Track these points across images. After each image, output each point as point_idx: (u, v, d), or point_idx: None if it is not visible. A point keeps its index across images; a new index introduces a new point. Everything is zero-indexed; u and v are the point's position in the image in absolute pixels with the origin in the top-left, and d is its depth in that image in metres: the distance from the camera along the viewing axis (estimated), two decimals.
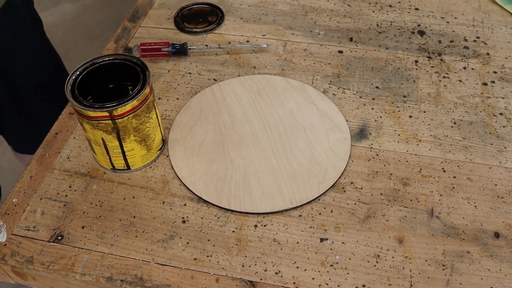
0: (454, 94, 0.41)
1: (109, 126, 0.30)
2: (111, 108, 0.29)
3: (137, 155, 0.33)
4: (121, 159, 0.33)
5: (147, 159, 0.34)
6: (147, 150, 0.33)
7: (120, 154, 0.32)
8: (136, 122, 0.31)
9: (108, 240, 0.31)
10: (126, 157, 0.33)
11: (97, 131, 0.31)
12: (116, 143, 0.31)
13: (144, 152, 0.33)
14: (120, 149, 0.32)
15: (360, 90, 0.41)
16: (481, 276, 0.29)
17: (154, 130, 0.33)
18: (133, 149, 0.32)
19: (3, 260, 0.30)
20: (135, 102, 0.30)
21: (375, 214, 0.32)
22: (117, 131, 0.30)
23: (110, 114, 0.29)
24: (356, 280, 0.29)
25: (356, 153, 0.36)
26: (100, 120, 0.30)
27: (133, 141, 0.32)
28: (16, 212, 0.33)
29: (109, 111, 0.29)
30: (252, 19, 0.48)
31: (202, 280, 0.29)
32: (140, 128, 0.31)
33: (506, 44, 0.45)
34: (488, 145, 0.37)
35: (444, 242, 0.31)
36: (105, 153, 0.32)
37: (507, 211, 0.32)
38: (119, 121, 0.30)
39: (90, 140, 0.32)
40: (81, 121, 0.31)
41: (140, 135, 0.32)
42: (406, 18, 0.48)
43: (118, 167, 0.34)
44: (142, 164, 0.34)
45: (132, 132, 0.31)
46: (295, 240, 0.31)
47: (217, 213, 0.33)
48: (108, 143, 0.31)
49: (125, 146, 0.32)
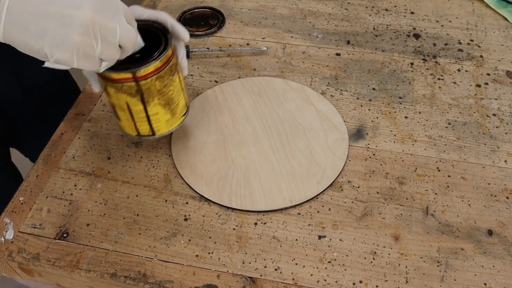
0: (448, 96, 0.42)
1: (132, 89, 0.29)
2: (135, 69, 0.28)
3: (161, 119, 0.32)
4: (146, 124, 0.32)
5: (172, 124, 0.33)
6: (172, 114, 0.32)
7: (145, 118, 0.31)
8: (160, 85, 0.30)
9: (112, 237, 0.32)
10: (151, 122, 0.32)
11: (121, 94, 0.30)
12: (141, 107, 0.30)
13: (169, 117, 0.32)
14: (145, 113, 0.31)
15: (357, 92, 0.42)
16: (474, 272, 0.30)
17: (178, 94, 0.32)
18: (157, 113, 0.31)
19: (10, 257, 0.31)
20: (158, 63, 0.29)
21: (371, 212, 0.33)
22: (141, 94, 0.30)
23: (134, 76, 0.29)
24: (353, 276, 0.30)
25: (354, 153, 0.37)
26: (124, 82, 0.29)
27: (157, 105, 0.31)
28: (23, 210, 0.33)
29: (132, 72, 0.28)
30: (252, 22, 0.49)
31: (204, 276, 0.30)
32: (163, 91, 0.30)
33: (499, 46, 0.46)
34: (481, 145, 0.37)
35: (439, 239, 0.31)
36: (129, 118, 0.31)
37: (500, 209, 0.33)
38: (143, 83, 0.29)
39: (115, 106, 0.31)
40: (105, 85, 0.30)
41: (164, 98, 0.31)
42: (402, 22, 0.49)
43: (143, 133, 0.32)
44: (167, 129, 0.33)
45: (156, 95, 0.30)
46: (294, 237, 0.32)
47: (218, 211, 0.33)
48: (132, 107, 0.30)
49: (149, 110, 0.31)
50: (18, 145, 0.51)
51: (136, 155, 0.37)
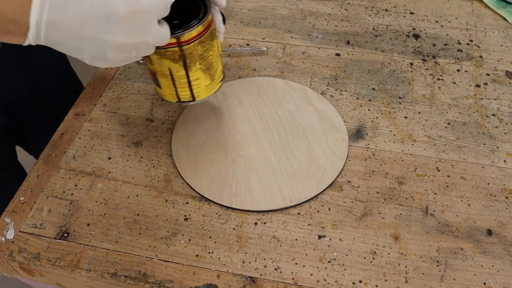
0: (448, 96, 0.42)
1: (176, 54, 0.30)
2: (178, 34, 0.29)
3: (202, 84, 0.33)
4: (187, 89, 0.32)
5: (211, 90, 0.34)
6: (211, 80, 0.33)
7: (186, 84, 0.32)
8: (201, 49, 0.31)
9: (112, 237, 0.32)
10: (192, 87, 0.32)
11: (164, 60, 0.30)
12: (183, 72, 0.31)
13: (209, 82, 0.33)
14: (186, 79, 0.32)
15: (357, 92, 0.42)
16: (474, 272, 0.30)
17: (217, 60, 0.33)
18: (198, 78, 0.32)
19: (11, 257, 0.31)
20: (200, 28, 0.30)
21: (371, 212, 0.33)
22: (184, 59, 0.30)
23: (178, 40, 0.29)
24: (353, 276, 0.30)
25: (353, 153, 0.37)
26: (168, 48, 0.30)
27: (199, 70, 0.32)
28: (24, 210, 0.34)
29: (176, 37, 0.29)
30: (252, 23, 0.49)
31: (204, 276, 0.30)
32: (204, 55, 0.31)
33: (499, 47, 0.46)
34: (481, 145, 0.38)
35: (438, 239, 0.31)
36: (171, 84, 0.32)
37: (499, 209, 0.33)
38: (186, 47, 0.30)
39: (156, 73, 0.32)
40: None
41: (205, 63, 0.32)
42: (402, 22, 0.49)
43: (183, 99, 0.33)
44: (206, 94, 0.34)
45: (197, 59, 0.31)
46: (294, 237, 0.32)
47: (219, 211, 0.33)
48: (175, 72, 0.31)
49: (191, 75, 0.32)
50: (24, 143, 0.51)
51: (136, 155, 0.37)
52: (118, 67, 0.45)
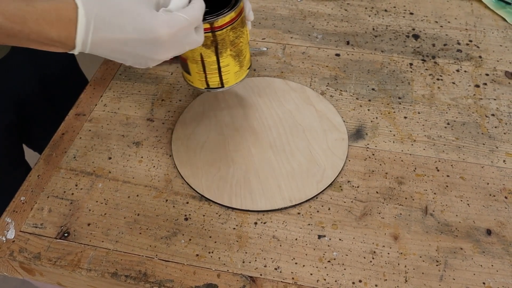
0: (447, 96, 0.42)
1: (208, 39, 0.31)
2: (212, 19, 0.30)
3: (231, 71, 0.33)
4: (216, 76, 0.33)
5: (239, 76, 0.34)
6: (240, 66, 0.34)
7: (216, 70, 0.33)
8: (233, 35, 0.31)
9: (113, 237, 0.32)
10: (221, 74, 0.33)
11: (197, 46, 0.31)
12: (214, 58, 0.32)
13: (237, 69, 0.34)
14: (217, 65, 0.32)
15: (357, 92, 0.42)
16: (473, 271, 0.30)
17: (246, 47, 0.34)
18: (228, 65, 0.33)
19: (12, 256, 0.31)
20: (233, 14, 0.31)
21: (371, 212, 0.33)
22: (216, 45, 0.31)
23: (211, 26, 0.30)
24: (352, 275, 0.30)
25: (353, 152, 0.37)
26: None
27: (229, 56, 0.32)
28: (24, 210, 0.34)
29: (210, 22, 0.30)
30: (252, 23, 0.50)
31: (204, 275, 0.30)
32: (235, 42, 0.32)
33: (498, 47, 0.46)
34: (480, 145, 0.38)
35: (438, 239, 0.32)
36: (201, 70, 0.33)
37: (498, 209, 0.33)
38: (219, 33, 0.31)
39: (187, 59, 0.32)
40: None
41: (235, 49, 0.32)
42: (401, 22, 0.49)
43: (212, 85, 0.34)
44: (235, 81, 0.34)
45: (228, 46, 0.32)
46: (294, 237, 0.32)
47: (219, 210, 0.33)
48: (206, 58, 0.32)
49: (221, 61, 0.32)
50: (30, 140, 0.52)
51: (136, 155, 0.37)
52: (118, 67, 0.45)
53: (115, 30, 0.25)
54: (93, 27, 0.24)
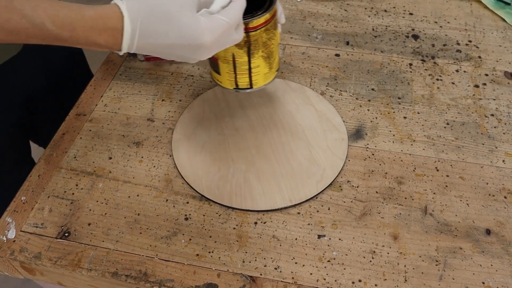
0: (447, 96, 0.42)
1: (242, 40, 0.31)
2: (247, 20, 0.30)
3: (261, 72, 0.34)
4: (246, 76, 0.34)
5: (268, 78, 0.35)
6: (269, 68, 0.34)
7: (247, 71, 0.33)
8: (266, 37, 0.32)
9: (113, 236, 0.32)
10: (251, 74, 0.33)
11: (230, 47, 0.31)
12: (245, 58, 0.32)
13: (267, 70, 0.34)
14: (248, 65, 0.33)
15: (357, 92, 0.42)
16: (473, 271, 0.30)
17: (276, 49, 0.34)
18: (258, 66, 0.33)
19: (12, 256, 0.31)
20: (267, 15, 0.31)
21: (370, 212, 0.33)
22: (248, 45, 0.32)
23: (246, 27, 0.30)
24: (352, 275, 0.30)
25: (353, 152, 0.37)
26: None
27: (260, 57, 0.33)
28: (25, 210, 0.34)
29: (245, 23, 0.30)
30: None
31: (204, 275, 0.30)
32: (267, 43, 0.32)
33: (497, 47, 0.46)
34: (479, 145, 0.38)
35: (437, 238, 0.32)
36: (231, 71, 0.33)
37: (498, 208, 0.33)
38: (252, 34, 0.31)
39: (219, 58, 0.33)
40: None
41: (266, 51, 0.33)
42: (401, 23, 0.49)
43: (241, 86, 0.34)
44: (263, 82, 0.35)
45: (261, 47, 0.32)
46: (294, 236, 0.32)
47: (219, 210, 0.34)
48: (238, 59, 0.32)
49: (252, 62, 0.33)
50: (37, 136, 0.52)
51: (137, 155, 0.37)
52: (119, 68, 0.45)
53: (159, 37, 0.26)
54: (138, 34, 0.26)
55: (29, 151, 0.50)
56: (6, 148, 0.44)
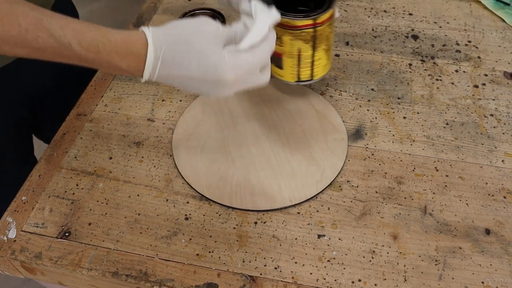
0: (446, 96, 0.42)
1: (309, 35, 0.33)
2: (315, 16, 0.33)
3: (321, 64, 0.36)
4: (308, 69, 0.36)
5: (326, 69, 0.37)
6: (327, 60, 0.37)
7: (310, 64, 0.36)
8: (328, 31, 0.34)
9: (113, 236, 0.32)
10: (314, 67, 0.36)
11: (297, 41, 0.34)
12: (310, 52, 0.35)
13: (326, 62, 0.37)
14: (311, 59, 0.35)
15: (356, 92, 0.42)
16: (472, 271, 0.30)
17: (333, 42, 0.37)
18: (320, 59, 0.36)
19: (13, 256, 0.31)
20: (331, 11, 0.33)
21: (370, 212, 0.33)
22: (314, 40, 0.34)
23: (314, 22, 0.33)
24: (352, 275, 0.30)
25: (353, 152, 0.37)
26: (303, 29, 0.33)
27: (322, 50, 0.35)
28: (25, 210, 0.34)
29: (313, 19, 0.32)
30: None
31: (204, 275, 0.30)
32: (329, 37, 0.35)
33: (497, 48, 0.46)
34: (479, 145, 0.38)
35: (437, 238, 0.32)
36: (295, 64, 0.35)
37: (497, 208, 0.33)
38: (319, 29, 0.33)
39: (283, 54, 0.35)
40: (282, 34, 0.34)
41: (327, 44, 0.35)
42: (400, 23, 0.50)
43: (303, 78, 0.37)
44: (322, 73, 0.37)
45: (324, 40, 0.34)
46: (294, 236, 0.32)
47: (219, 210, 0.34)
48: (303, 53, 0.34)
49: (315, 55, 0.35)
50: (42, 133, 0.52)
51: (137, 155, 0.38)
52: None
53: (181, 68, 0.26)
54: (161, 63, 0.26)
55: (31, 150, 0.50)
56: (9, 147, 0.45)
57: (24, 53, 0.25)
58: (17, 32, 0.24)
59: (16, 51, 0.25)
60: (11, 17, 0.23)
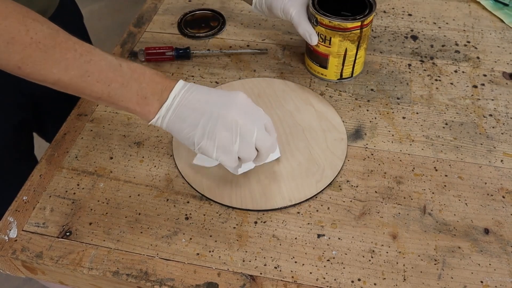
0: (445, 96, 0.42)
1: (356, 36, 0.38)
2: (363, 18, 0.37)
3: (360, 62, 0.41)
4: (350, 67, 0.41)
5: (362, 67, 0.42)
6: (364, 57, 0.42)
7: (352, 62, 0.40)
8: (369, 31, 0.39)
9: (114, 236, 0.32)
10: (355, 65, 0.41)
11: (345, 42, 0.38)
12: (354, 51, 0.39)
13: (363, 60, 0.42)
14: (354, 57, 0.40)
15: (356, 93, 0.42)
16: (471, 270, 0.30)
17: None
18: (360, 57, 0.40)
19: (14, 255, 0.31)
20: (374, 13, 0.38)
21: (370, 211, 0.33)
22: (359, 40, 0.38)
23: (361, 24, 0.37)
24: (351, 274, 0.30)
25: (352, 152, 0.37)
26: (352, 30, 0.37)
27: (364, 49, 0.40)
28: (26, 209, 0.34)
29: (361, 20, 0.37)
30: (252, 24, 0.50)
31: (204, 274, 0.30)
32: (368, 37, 0.39)
33: (495, 48, 0.47)
34: (478, 145, 0.38)
35: (436, 238, 0.32)
36: (340, 64, 0.40)
37: (496, 208, 0.34)
38: (365, 30, 0.38)
39: (330, 54, 0.39)
40: (331, 36, 0.38)
41: (367, 43, 0.40)
42: (400, 24, 0.50)
43: (345, 76, 0.42)
44: (359, 71, 0.42)
45: (365, 40, 0.39)
46: (294, 236, 0.32)
47: (219, 210, 0.34)
48: (348, 52, 0.39)
49: (358, 54, 0.40)
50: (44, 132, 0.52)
51: (138, 155, 0.38)
52: None
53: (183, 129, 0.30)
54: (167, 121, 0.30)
55: (32, 149, 0.50)
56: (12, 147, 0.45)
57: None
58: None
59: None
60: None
